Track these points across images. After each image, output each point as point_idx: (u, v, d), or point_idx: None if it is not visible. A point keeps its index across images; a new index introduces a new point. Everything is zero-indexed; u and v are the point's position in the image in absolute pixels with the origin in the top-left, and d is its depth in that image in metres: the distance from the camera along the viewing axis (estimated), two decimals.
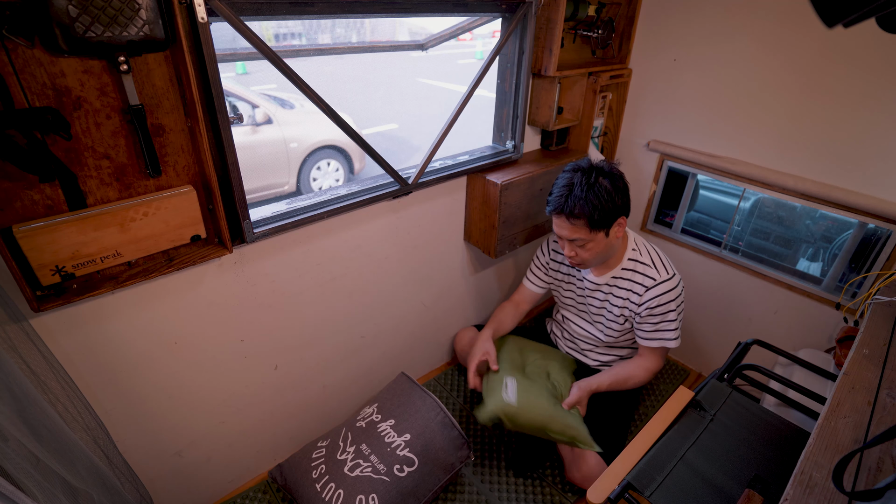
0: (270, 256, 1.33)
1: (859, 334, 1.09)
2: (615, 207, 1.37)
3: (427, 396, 1.57)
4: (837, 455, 0.77)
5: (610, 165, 1.40)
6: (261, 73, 6.32)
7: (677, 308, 1.47)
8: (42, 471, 0.76)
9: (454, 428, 1.52)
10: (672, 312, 1.46)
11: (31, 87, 0.82)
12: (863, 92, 1.42)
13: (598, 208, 1.34)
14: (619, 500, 1.05)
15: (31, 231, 0.87)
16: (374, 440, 1.50)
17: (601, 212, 1.34)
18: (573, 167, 1.41)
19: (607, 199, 1.34)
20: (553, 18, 1.56)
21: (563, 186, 1.37)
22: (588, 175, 1.36)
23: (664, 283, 1.45)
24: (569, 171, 1.40)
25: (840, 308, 1.66)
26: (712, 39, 1.69)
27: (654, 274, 1.46)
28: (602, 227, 1.37)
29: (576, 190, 1.34)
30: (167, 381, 1.26)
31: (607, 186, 1.35)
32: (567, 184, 1.37)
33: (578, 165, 1.41)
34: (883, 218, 1.48)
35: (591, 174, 1.36)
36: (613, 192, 1.36)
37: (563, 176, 1.40)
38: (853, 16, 0.52)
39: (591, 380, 1.54)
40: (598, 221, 1.35)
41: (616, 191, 1.36)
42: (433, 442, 1.49)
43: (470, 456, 1.56)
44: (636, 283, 1.48)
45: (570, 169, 1.41)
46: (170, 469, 1.39)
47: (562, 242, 1.47)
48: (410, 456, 1.46)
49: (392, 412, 1.57)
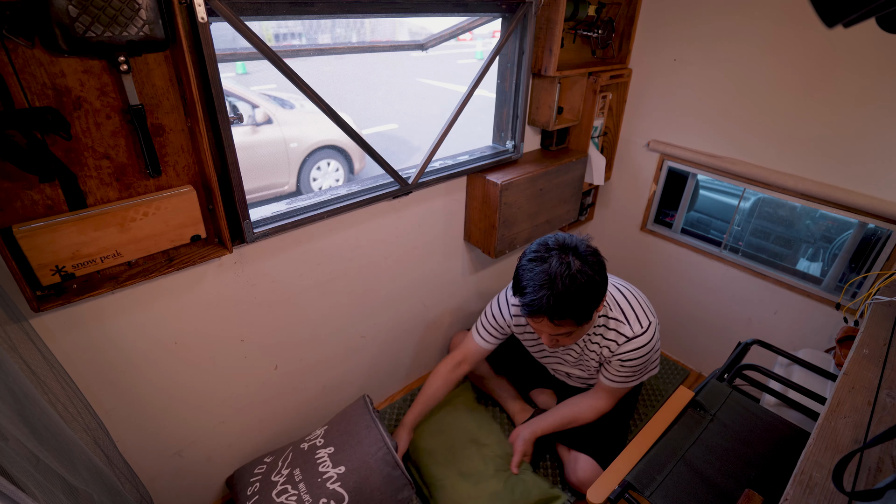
0: (270, 256, 1.32)
1: (859, 334, 1.09)
2: (600, 294, 1.19)
3: (373, 427, 1.40)
4: (837, 455, 0.77)
5: (582, 243, 1.20)
6: (261, 73, 6.32)
7: (649, 356, 1.36)
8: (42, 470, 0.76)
9: (396, 467, 1.34)
10: (644, 364, 1.38)
11: (31, 87, 0.82)
12: (863, 91, 1.42)
13: (586, 304, 1.16)
14: (619, 500, 1.05)
15: (31, 231, 0.87)
16: (309, 467, 1.36)
17: (589, 306, 1.17)
18: (540, 255, 1.17)
19: (592, 290, 1.16)
20: (553, 18, 1.56)
21: (539, 285, 1.13)
22: (566, 267, 1.14)
23: (638, 339, 1.33)
24: (536, 260, 1.17)
25: (840, 308, 1.66)
26: (712, 39, 1.69)
27: (626, 331, 1.33)
28: (590, 317, 1.21)
29: (557, 287, 1.12)
30: (167, 381, 1.26)
31: (588, 273, 1.15)
32: (542, 282, 1.13)
33: (547, 252, 1.17)
34: (883, 218, 1.48)
35: (568, 266, 1.14)
36: (596, 278, 1.16)
37: (533, 268, 1.16)
38: (853, 16, 0.52)
39: (534, 424, 1.49)
40: (587, 314, 1.18)
41: (598, 274, 1.17)
42: (369, 480, 1.32)
43: (412, 499, 1.39)
44: (609, 341, 1.37)
45: (537, 258, 1.17)
46: (170, 469, 1.39)
47: (536, 329, 1.27)
48: (340, 491, 1.29)
49: (335, 439, 1.42)
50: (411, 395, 1.99)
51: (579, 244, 1.19)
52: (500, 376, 1.86)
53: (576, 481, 1.50)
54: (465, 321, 2.13)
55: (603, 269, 1.20)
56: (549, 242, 1.19)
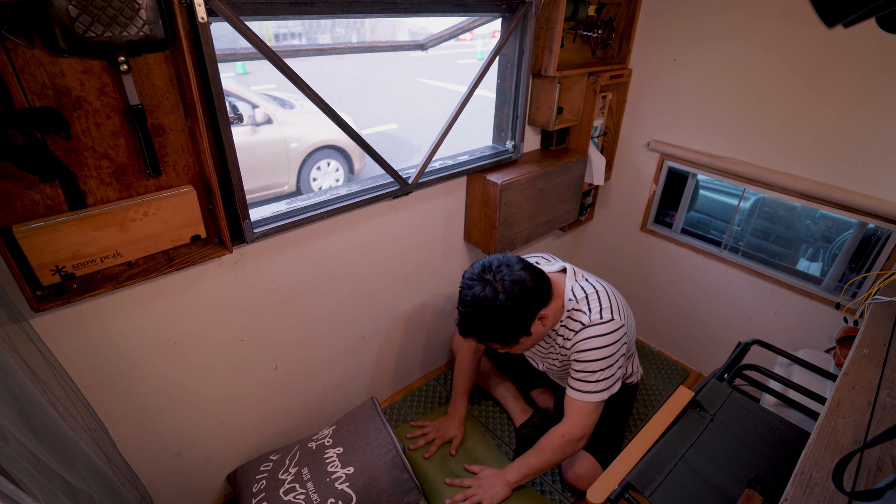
0: (270, 256, 1.33)
1: (859, 334, 1.09)
2: (521, 323, 1.24)
3: (382, 430, 1.42)
4: (837, 455, 0.77)
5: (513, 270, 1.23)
6: (261, 73, 6.31)
7: (607, 358, 1.28)
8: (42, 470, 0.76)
9: (404, 470, 1.35)
10: (598, 362, 1.28)
11: (31, 87, 0.82)
12: (863, 91, 1.42)
13: (505, 331, 1.24)
14: (619, 500, 1.05)
15: (31, 231, 0.87)
16: (317, 466, 1.37)
17: (509, 333, 1.25)
18: (473, 277, 1.25)
19: (510, 320, 1.22)
20: (553, 18, 1.56)
21: (465, 311, 1.24)
22: (485, 295, 1.20)
23: (595, 327, 1.28)
24: (469, 281, 1.25)
25: (840, 308, 1.66)
26: (712, 39, 1.69)
27: (584, 318, 1.30)
28: (518, 337, 1.27)
29: (477, 314, 1.21)
30: (167, 380, 1.26)
31: (504, 305, 1.19)
32: (468, 308, 1.23)
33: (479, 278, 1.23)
34: (883, 218, 1.48)
35: (487, 294, 1.20)
36: (515, 309, 1.21)
37: (464, 291, 1.25)
38: (853, 16, 0.52)
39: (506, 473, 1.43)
40: (510, 338, 1.27)
41: (518, 306, 1.21)
42: (377, 481, 1.33)
43: (420, 502, 1.39)
44: (569, 330, 1.35)
45: (471, 278, 1.25)
46: (170, 469, 1.39)
47: None
48: (348, 492, 1.30)
49: (344, 439, 1.43)
50: (411, 395, 1.99)
51: (506, 271, 1.23)
52: (502, 375, 1.87)
53: (573, 478, 1.49)
54: None
55: (524, 298, 1.22)
56: (482, 267, 1.26)
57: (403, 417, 1.88)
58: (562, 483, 1.65)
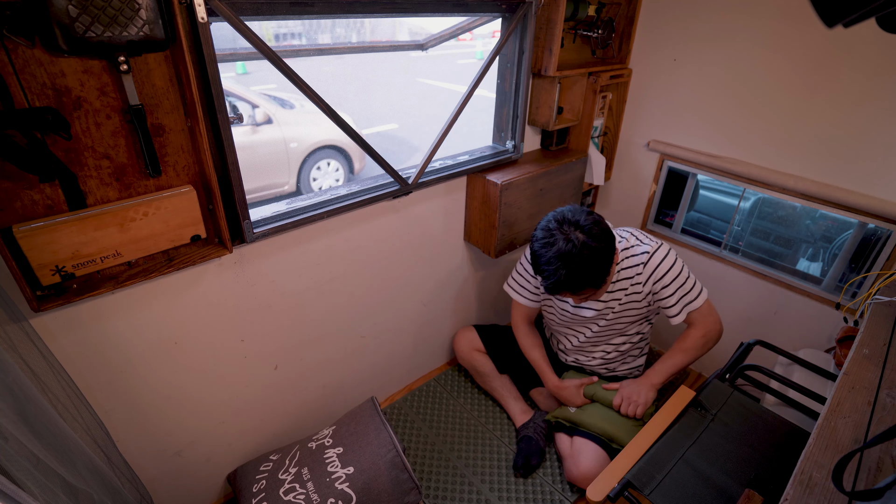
0: (270, 256, 1.33)
1: (859, 334, 1.09)
2: (609, 258, 1.28)
3: (382, 430, 1.43)
4: (837, 455, 0.77)
5: (582, 214, 1.27)
6: (261, 73, 6.31)
7: (684, 269, 1.41)
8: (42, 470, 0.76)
9: (404, 470, 1.36)
10: (682, 274, 1.40)
11: (31, 87, 0.82)
12: (863, 91, 1.42)
13: (599, 271, 1.26)
14: (619, 498, 1.05)
15: (31, 231, 0.87)
16: (317, 466, 1.37)
17: (602, 272, 1.27)
18: (547, 240, 1.25)
19: (600, 258, 1.25)
20: (553, 18, 1.56)
21: (554, 269, 1.24)
22: (572, 245, 1.22)
23: (659, 251, 1.40)
24: (545, 245, 1.25)
25: (840, 308, 1.66)
26: (712, 39, 1.69)
27: (644, 248, 1.41)
28: (606, 276, 1.31)
29: (569, 265, 1.22)
30: (167, 380, 1.26)
31: (592, 245, 1.23)
32: (555, 263, 1.23)
33: (551, 235, 1.25)
34: (883, 218, 1.48)
35: (573, 243, 1.22)
36: (602, 245, 1.25)
37: (544, 253, 1.25)
38: (853, 16, 0.52)
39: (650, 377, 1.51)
40: (602, 278, 1.29)
41: (602, 241, 1.25)
42: (377, 481, 1.34)
43: (420, 502, 1.42)
44: (632, 268, 1.42)
45: (545, 242, 1.25)
46: (170, 469, 1.39)
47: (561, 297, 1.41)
48: (348, 492, 1.31)
49: (344, 439, 1.44)
50: (411, 394, 1.99)
51: (580, 217, 1.26)
52: (502, 375, 1.87)
53: (578, 475, 1.49)
54: (465, 321, 2.13)
55: (607, 235, 1.28)
56: (551, 225, 1.27)
57: (403, 417, 1.88)
58: (562, 482, 1.65)
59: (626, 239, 1.45)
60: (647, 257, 1.40)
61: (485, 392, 1.98)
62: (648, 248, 1.41)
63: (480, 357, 1.85)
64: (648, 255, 1.40)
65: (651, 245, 1.41)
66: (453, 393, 2.00)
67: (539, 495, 1.61)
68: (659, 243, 1.42)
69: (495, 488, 1.63)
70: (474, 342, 1.86)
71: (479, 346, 1.85)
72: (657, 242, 1.42)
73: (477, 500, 1.60)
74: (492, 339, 1.86)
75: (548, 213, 1.33)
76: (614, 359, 1.64)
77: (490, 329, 1.89)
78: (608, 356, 1.63)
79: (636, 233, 1.47)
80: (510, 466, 1.70)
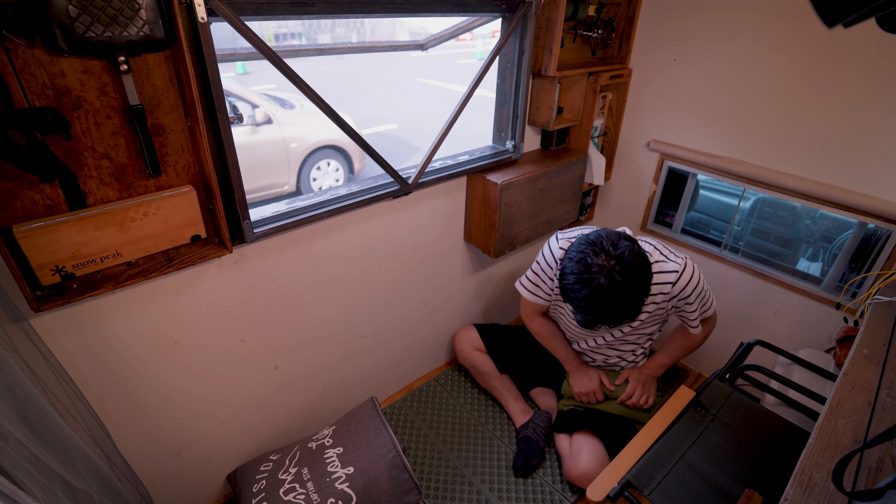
0: (270, 256, 1.32)
1: (859, 334, 1.09)
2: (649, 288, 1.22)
3: (382, 430, 1.43)
4: (837, 455, 0.77)
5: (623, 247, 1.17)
6: (261, 73, 6.32)
7: (705, 283, 1.41)
8: (42, 470, 0.76)
9: (404, 470, 1.36)
10: (705, 289, 1.40)
11: (31, 87, 0.82)
12: (863, 91, 1.42)
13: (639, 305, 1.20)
14: (619, 498, 1.05)
15: (31, 231, 0.87)
16: (317, 466, 1.37)
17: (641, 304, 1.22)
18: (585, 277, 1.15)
19: (643, 292, 1.18)
20: (553, 18, 1.56)
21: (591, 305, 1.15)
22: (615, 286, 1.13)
23: (686, 270, 1.35)
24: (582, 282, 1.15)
25: (840, 308, 1.66)
26: (712, 39, 1.69)
27: (671, 267, 1.34)
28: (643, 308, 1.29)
29: (610, 306, 1.15)
30: (167, 381, 1.26)
31: (636, 280, 1.15)
32: (594, 302, 1.15)
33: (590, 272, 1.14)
34: (883, 218, 1.48)
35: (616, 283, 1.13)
36: (645, 280, 1.18)
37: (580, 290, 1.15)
38: (853, 16, 0.52)
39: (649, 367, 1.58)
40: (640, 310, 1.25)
41: (646, 276, 1.18)
42: (377, 481, 1.33)
43: (420, 502, 1.41)
44: (658, 285, 1.36)
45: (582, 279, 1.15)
46: (170, 469, 1.39)
47: None
48: (348, 492, 1.30)
49: (344, 439, 1.43)
50: (412, 394, 1.99)
51: (623, 251, 1.16)
52: (503, 374, 1.86)
53: (577, 475, 1.49)
54: (465, 321, 2.13)
55: (645, 267, 1.19)
56: (589, 259, 1.16)
57: (403, 417, 1.88)
58: (562, 482, 1.65)
59: (651, 253, 1.37)
60: (676, 277, 1.34)
61: (485, 392, 1.98)
62: (676, 266, 1.34)
63: (480, 356, 1.85)
64: (677, 275, 1.34)
65: (678, 263, 1.35)
66: (453, 393, 2.00)
67: (539, 495, 1.61)
68: (684, 260, 1.35)
69: (495, 488, 1.63)
70: (474, 341, 1.86)
71: (480, 346, 1.85)
72: (682, 259, 1.36)
73: (477, 500, 1.60)
74: (492, 339, 1.86)
75: (579, 239, 1.23)
76: (619, 359, 1.64)
77: (490, 328, 1.89)
78: (611, 359, 1.64)
79: (659, 245, 1.40)
80: (510, 466, 1.70)
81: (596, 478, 1.11)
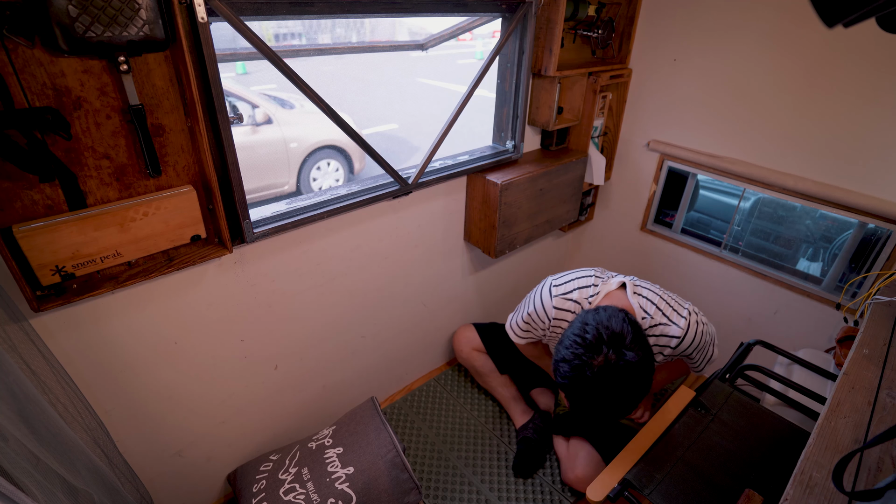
0: (270, 256, 1.32)
1: (859, 334, 1.09)
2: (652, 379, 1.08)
3: (382, 430, 1.42)
4: (837, 455, 0.77)
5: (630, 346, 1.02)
6: (261, 73, 6.32)
7: (708, 336, 1.32)
8: (42, 470, 0.76)
9: (404, 470, 1.35)
10: (708, 344, 1.32)
11: (31, 87, 0.82)
12: (863, 91, 1.42)
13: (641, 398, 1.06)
14: (619, 498, 1.05)
15: (31, 231, 0.87)
16: (317, 466, 1.37)
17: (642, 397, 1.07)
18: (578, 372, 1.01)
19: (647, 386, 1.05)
20: (553, 18, 1.56)
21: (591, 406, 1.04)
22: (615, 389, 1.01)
23: (688, 334, 1.26)
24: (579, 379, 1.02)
25: (840, 308, 1.66)
26: (712, 39, 1.69)
27: (674, 331, 1.26)
28: None
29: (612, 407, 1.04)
30: (167, 381, 1.26)
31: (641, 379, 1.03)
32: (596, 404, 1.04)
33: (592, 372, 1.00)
34: (883, 218, 1.48)
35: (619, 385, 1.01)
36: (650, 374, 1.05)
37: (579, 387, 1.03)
38: (853, 16, 0.52)
39: None
40: None
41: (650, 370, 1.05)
42: (377, 481, 1.33)
43: (420, 502, 1.40)
44: (662, 346, 1.29)
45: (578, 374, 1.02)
46: (170, 469, 1.39)
47: None
48: (348, 492, 1.30)
49: (344, 439, 1.43)
50: (411, 394, 1.99)
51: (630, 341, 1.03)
52: (503, 375, 1.86)
53: (574, 478, 1.49)
54: (464, 321, 2.13)
55: (649, 358, 1.06)
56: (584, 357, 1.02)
57: (403, 417, 1.88)
58: (561, 483, 1.65)
59: (652, 316, 1.27)
60: (678, 342, 1.26)
61: (485, 392, 1.98)
62: (679, 331, 1.25)
63: (480, 357, 1.85)
64: (679, 340, 1.26)
65: (680, 327, 1.25)
66: (453, 393, 2.00)
67: (539, 495, 1.62)
68: (688, 321, 1.26)
69: (495, 488, 1.63)
70: (473, 341, 1.85)
71: (479, 346, 1.85)
72: (685, 319, 1.26)
73: (477, 500, 1.60)
74: (492, 339, 1.86)
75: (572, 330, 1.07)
76: None
77: (490, 328, 1.89)
78: None
79: (661, 304, 1.28)
80: (510, 466, 1.70)
81: (595, 478, 1.11)
